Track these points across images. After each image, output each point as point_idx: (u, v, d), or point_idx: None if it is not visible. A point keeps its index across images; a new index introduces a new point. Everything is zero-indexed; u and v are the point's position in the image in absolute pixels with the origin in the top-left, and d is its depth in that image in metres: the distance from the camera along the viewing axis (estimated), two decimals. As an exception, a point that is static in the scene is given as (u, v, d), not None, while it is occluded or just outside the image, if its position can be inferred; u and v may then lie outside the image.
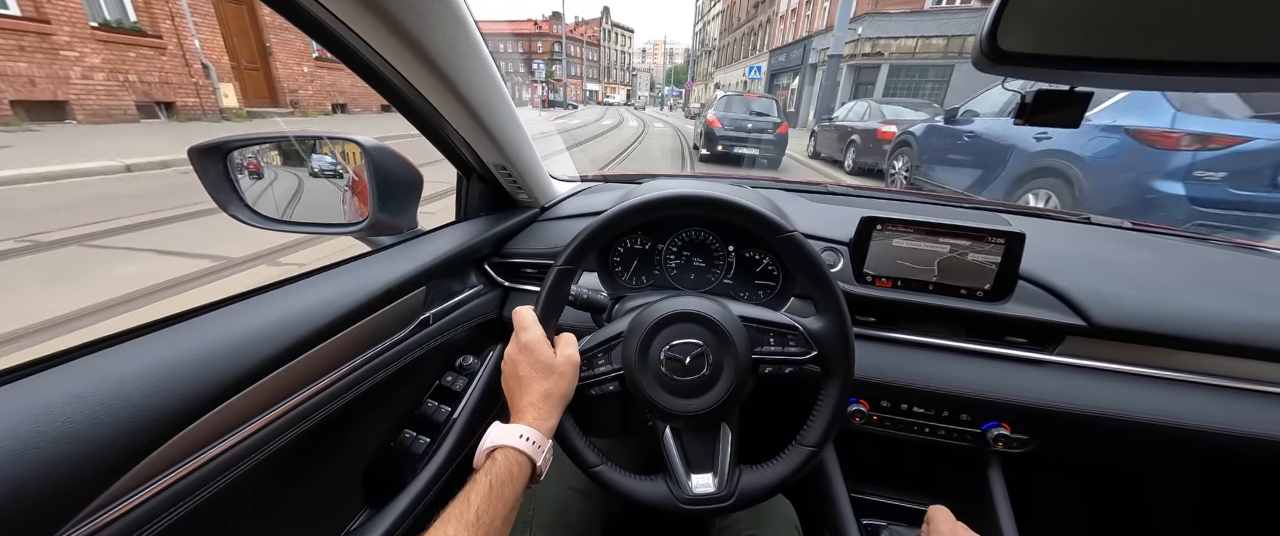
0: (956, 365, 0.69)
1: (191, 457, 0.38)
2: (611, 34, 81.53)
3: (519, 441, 0.43)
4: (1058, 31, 0.37)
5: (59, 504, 0.28)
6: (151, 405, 0.33)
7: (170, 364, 0.36)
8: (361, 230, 0.68)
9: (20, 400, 0.29)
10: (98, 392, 0.31)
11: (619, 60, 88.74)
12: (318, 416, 0.49)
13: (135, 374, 0.34)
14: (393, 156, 0.67)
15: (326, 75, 11.75)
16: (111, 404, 0.31)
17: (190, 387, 0.35)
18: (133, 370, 0.34)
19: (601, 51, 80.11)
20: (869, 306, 0.72)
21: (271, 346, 0.42)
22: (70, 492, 0.28)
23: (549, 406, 0.47)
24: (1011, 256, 0.66)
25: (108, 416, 0.30)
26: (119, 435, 0.31)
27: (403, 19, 0.44)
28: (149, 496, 0.35)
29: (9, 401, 0.29)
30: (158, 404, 0.33)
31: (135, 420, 0.32)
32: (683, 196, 0.55)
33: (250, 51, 9.54)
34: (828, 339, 0.52)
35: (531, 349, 0.49)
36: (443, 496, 0.67)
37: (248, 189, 0.68)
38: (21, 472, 0.26)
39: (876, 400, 0.71)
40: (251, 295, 0.48)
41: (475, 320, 0.77)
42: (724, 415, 0.53)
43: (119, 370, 0.34)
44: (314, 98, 11.22)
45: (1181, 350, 0.64)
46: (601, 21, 76.03)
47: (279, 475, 0.48)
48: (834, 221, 0.79)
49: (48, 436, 0.28)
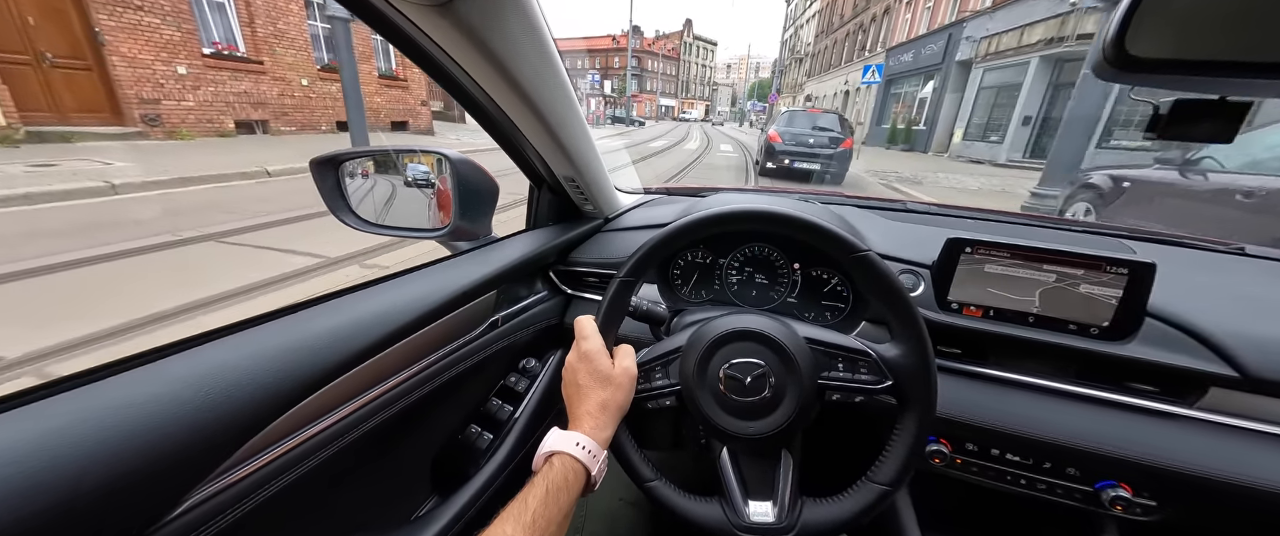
0: (1064, 411, 0.60)
1: (289, 438, 0.43)
2: (693, 47, 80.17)
3: (575, 448, 0.45)
4: (1201, 33, 0.33)
5: (209, 455, 0.35)
6: (272, 382, 0.39)
7: (288, 348, 0.42)
8: (443, 235, 0.77)
9: (178, 368, 0.37)
10: (235, 367, 0.38)
11: (699, 74, 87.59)
12: (399, 406, 0.55)
13: (261, 353, 0.41)
14: (475, 168, 0.73)
15: (227, 81, 7.82)
16: (242, 379, 0.38)
17: (303, 369, 0.42)
18: (258, 351, 0.41)
19: (681, 65, 77.57)
20: (954, 336, 0.65)
21: (368, 337, 0.48)
22: (216, 447, 0.35)
23: (606, 417, 0.49)
24: (1137, 289, 0.56)
25: (240, 389, 0.37)
26: (250, 404, 0.37)
27: (496, 47, 0.51)
28: (253, 472, 0.40)
29: (171, 369, 0.37)
30: (276, 381, 0.40)
31: (260, 394, 0.38)
32: (750, 211, 0.55)
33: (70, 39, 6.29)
34: (905, 368, 0.50)
35: (591, 358, 0.51)
36: (503, 492, 0.71)
37: (352, 196, 0.79)
38: (185, 424, 0.33)
39: (960, 441, 0.63)
40: (353, 290, 0.55)
41: (539, 325, 0.82)
42: (785, 441, 0.52)
43: (250, 349, 0.41)
44: (198, 112, 7.36)
45: None
46: (682, 35, 73.61)
47: (362, 457, 0.54)
48: (914, 241, 0.73)
49: (200, 398, 0.35)
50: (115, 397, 0.33)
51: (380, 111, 11.66)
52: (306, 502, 0.49)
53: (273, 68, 8.87)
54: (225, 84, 7.99)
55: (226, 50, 8.19)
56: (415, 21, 0.47)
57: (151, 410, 0.33)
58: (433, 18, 0.46)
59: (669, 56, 77.31)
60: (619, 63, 69.59)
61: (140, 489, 0.31)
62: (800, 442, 0.54)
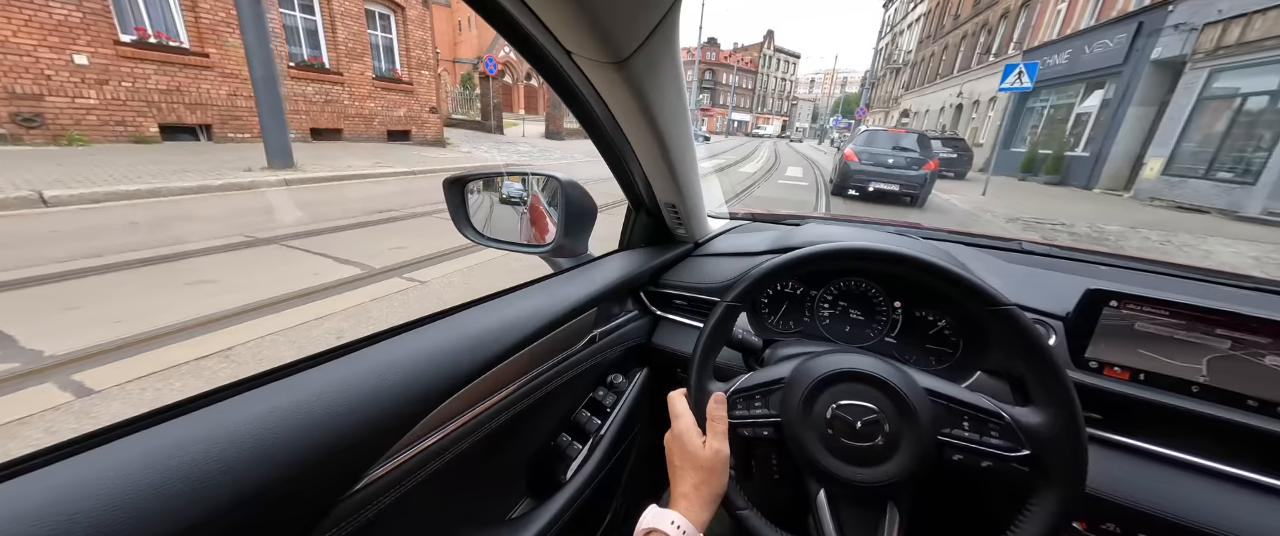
0: (1239, 502, 0.52)
1: (431, 434, 0.49)
2: (773, 60, 75.16)
3: (670, 528, 0.46)
4: None
5: (374, 445, 0.40)
6: (426, 382, 0.44)
7: (434, 352, 0.48)
8: (547, 251, 0.83)
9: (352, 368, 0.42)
10: (396, 369, 0.43)
11: (778, 88, 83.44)
12: (512, 411, 0.61)
13: (408, 360, 0.45)
14: (579, 189, 0.79)
15: (152, 75, 6.26)
16: (406, 379, 0.43)
17: (442, 373, 0.47)
18: (413, 354, 0.46)
19: (759, 78, 73.25)
20: (1093, 400, 0.59)
21: (493, 348, 0.53)
22: (378, 440, 0.40)
23: (700, 500, 0.49)
24: None
25: (404, 387, 0.42)
26: (405, 403, 0.42)
27: (650, 96, 0.55)
28: (406, 461, 0.46)
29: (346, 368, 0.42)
30: (430, 381, 0.45)
31: (417, 391, 0.43)
32: (879, 252, 0.55)
33: None
34: (1049, 440, 0.46)
35: (681, 438, 0.52)
36: (590, 503, 0.76)
37: (471, 212, 0.88)
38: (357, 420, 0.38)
39: (1097, 520, 0.57)
40: (478, 303, 0.60)
41: (628, 343, 0.87)
42: (894, 495, 0.50)
43: (407, 352, 0.46)
44: (104, 112, 5.84)
45: None
46: (763, 46, 70.84)
47: (476, 456, 0.59)
48: (1040, 288, 0.69)
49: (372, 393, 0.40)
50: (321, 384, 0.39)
51: (373, 118, 9.95)
52: (434, 493, 0.54)
53: (222, 62, 7.30)
54: (148, 79, 6.45)
55: (157, 38, 6.67)
56: (587, 74, 0.53)
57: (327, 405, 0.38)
58: (604, 72, 0.51)
59: (745, 69, 73.79)
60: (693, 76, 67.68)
61: (329, 468, 0.36)
62: (909, 499, 0.51)
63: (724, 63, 67.69)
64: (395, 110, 10.51)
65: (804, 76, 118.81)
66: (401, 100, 10.65)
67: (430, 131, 11.23)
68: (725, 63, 67.64)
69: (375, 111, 10.07)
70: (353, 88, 9.38)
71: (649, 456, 0.95)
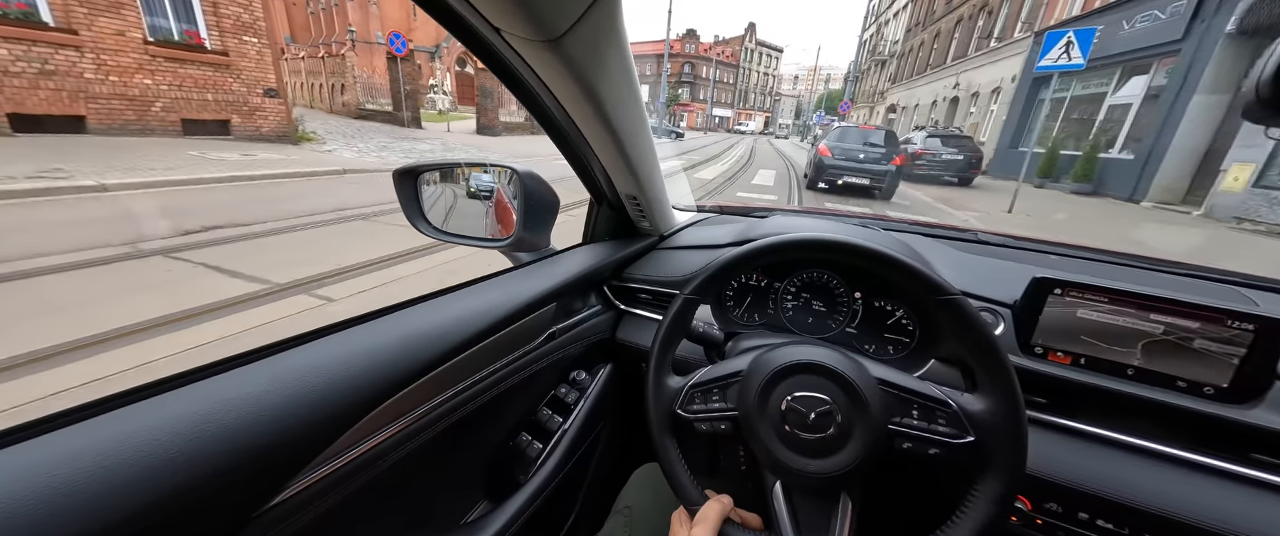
0: (1168, 478, 0.56)
1: (369, 438, 0.48)
2: (755, 54, 73.90)
3: None
4: None
5: (295, 455, 0.38)
6: (355, 386, 0.42)
7: (367, 354, 0.45)
8: (507, 246, 0.82)
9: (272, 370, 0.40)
10: (319, 373, 0.41)
11: (761, 83, 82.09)
12: (463, 411, 0.61)
13: (339, 361, 0.43)
14: (539, 181, 0.79)
15: None
16: (328, 384, 0.40)
17: (381, 375, 0.45)
18: (344, 356, 0.44)
19: (740, 73, 71.46)
20: (1038, 384, 0.64)
21: (441, 346, 0.52)
22: (300, 449, 0.38)
23: None
24: (1265, 348, 0.53)
25: (326, 393, 0.40)
26: (332, 408, 0.40)
27: (592, 79, 0.55)
28: (342, 465, 0.45)
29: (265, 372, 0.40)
30: (360, 386, 0.42)
31: (346, 397, 0.41)
32: (831, 242, 0.57)
33: None
34: (993, 427, 0.48)
35: None
36: (551, 503, 0.76)
37: (425, 204, 0.87)
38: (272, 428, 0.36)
39: (1040, 500, 0.61)
40: (426, 299, 0.60)
41: (591, 338, 0.88)
42: (846, 484, 0.52)
43: (332, 355, 0.44)
44: None
45: None
46: (744, 39, 69.35)
47: (425, 459, 0.59)
48: (991, 277, 0.73)
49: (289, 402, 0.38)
50: (232, 391, 0.37)
51: (151, 101, 6.74)
52: (376, 500, 0.54)
53: None
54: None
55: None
56: (521, 54, 0.52)
57: (260, 405, 0.37)
58: (538, 51, 0.50)
59: (725, 62, 71.62)
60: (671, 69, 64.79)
61: (251, 475, 0.35)
62: (862, 488, 0.53)
63: (703, 56, 65.80)
64: (198, 92, 7.38)
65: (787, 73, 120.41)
66: (209, 78, 7.57)
67: (267, 122, 8.16)
68: (704, 56, 65.55)
69: (155, 92, 6.96)
70: (102, 54, 6.30)
71: (615, 452, 0.99)
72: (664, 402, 0.58)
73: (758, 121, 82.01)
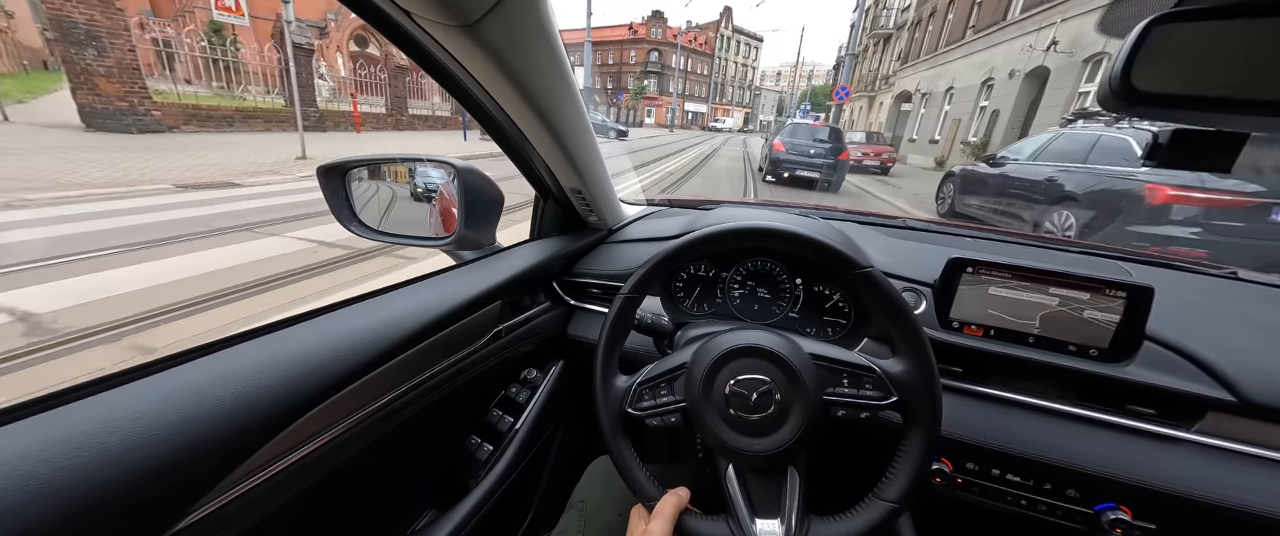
0: (1064, 432, 0.75)
1: (295, 450, 0.51)
2: (731, 42, 77.39)
3: None
4: (1201, 72, 0.43)
5: (199, 477, 0.40)
6: (272, 397, 0.45)
7: (288, 361, 0.49)
8: (448, 244, 0.92)
9: (166, 385, 0.42)
10: (227, 385, 0.43)
11: (739, 76, 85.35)
12: (401, 417, 0.67)
13: (258, 369, 0.46)
14: (480, 177, 0.89)
15: None
16: (237, 397, 0.43)
17: (304, 383, 0.48)
18: (257, 366, 0.47)
19: (716, 63, 74.67)
20: (956, 355, 0.81)
21: (372, 350, 0.57)
22: (206, 470, 0.40)
23: None
24: (1136, 313, 0.72)
25: (235, 407, 0.42)
26: (244, 423, 0.42)
27: (513, 62, 0.61)
28: (260, 483, 0.47)
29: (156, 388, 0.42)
30: (277, 396, 0.46)
31: (258, 410, 0.44)
32: (753, 228, 0.69)
33: None
34: (910, 384, 0.62)
35: None
36: (502, 504, 0.87)
37: (356, 203, 0.96)
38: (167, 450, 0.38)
39: (961, 461, 0.78)
40: (357, 301, 0.65)
41: (542, 336, 1.00)
42: (792, 458, 0.62)
43: (244, 365, 0.46)
44: None
45: None
46: (719, 25, 71.19)
47: (361, 471, 0.66)
48: (915, 259, 0.91)
49: (190, 419, 0.40)
50: (117, 410, 0.39)
51: None
52: (305, 517, 0.58)
53: None
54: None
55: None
56: (439, 41, 0.57)
57: (151, 424, 0.38)
58: (456, 37, 0.55)
59: (698, 51, 74.25)
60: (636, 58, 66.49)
61: (145, 501, 0.37)
62: (806, 460, 0.64)
63: (670, 42, 67.40)
64: None
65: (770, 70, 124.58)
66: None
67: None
68: (671, 42, 67.32)
69: None
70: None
71: (572, 446, 1.14)
72: (613, 403, 0.68)
73: (736, 118, 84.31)
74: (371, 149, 9.70)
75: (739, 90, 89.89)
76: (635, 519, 0.64)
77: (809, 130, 11.08)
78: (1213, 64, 0.42)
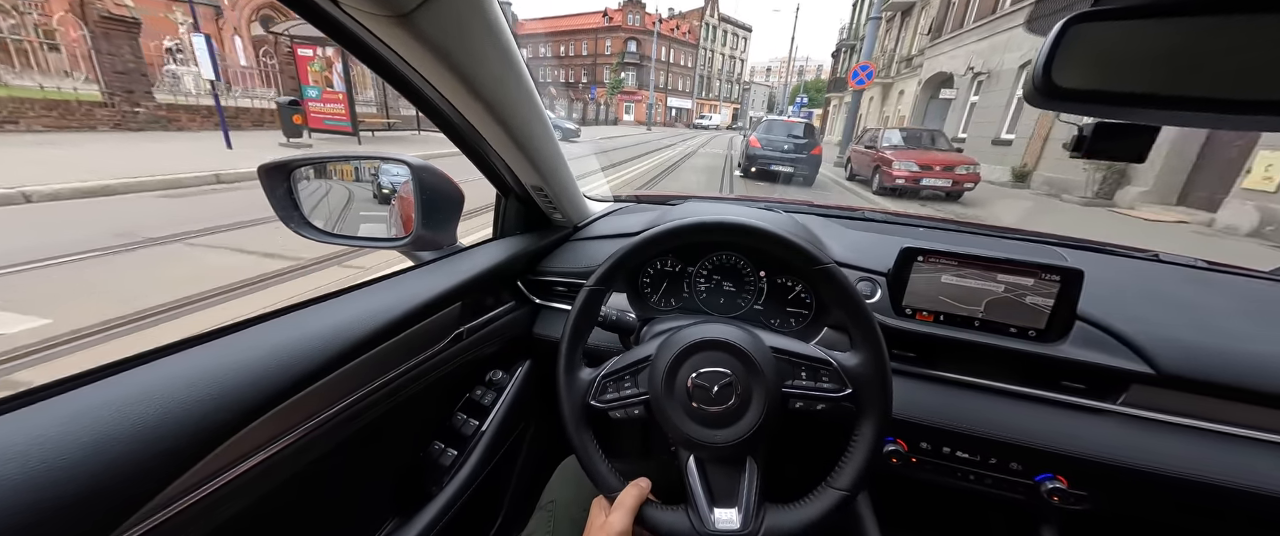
0: (1007, 410, 0.87)
1: (237, 465, 0.53)
2: (717, 32, 78.75)
3: None
4: (1119, 68, 0.50)
5: (116, 503, 0.41)
6: (202, 412, 0.46)
7: (221, 373, 0.50)
8: (405, 245, 0.99)
9: (75, 406, 0.43)
10: (150, 402, 0.44)
11: (727, 68, 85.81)
12: (354, 426, 0.71)
13: (186, 383, 0.47)
14: (437, 175, 0.96)
15: None
16: (163, 414, 0.44)
17: (240, 396, 0.50)
18: (185, 380, 0.48)
19: (701, 55, 76.05)
20: (908, 341, 0.93)
21: (317, 358, 0.59)
22: (125, 494, 0.41)
23: None
24: (1067, 294, 0.84)
25: (160, 425, 0.43)
26: (170, 442, 0.44)
27: (456, 55, 0.65)
28: (196, 501, 0.49)
29: (63, 409, 0.42)
30: (208, 411, 0.47)
31: (187, 427, 0.45)
32: (715, 223, 0.78)
33: None
34: (863, 377, 0.70)
35: None
36: (467, 509, 0.94)
37: (305, 204, 1.00)
38: (78, 476, 0.38)
39: (915, 441, 0.90)
40: (301, 307, 0.69)
41: (507, 336, 1.08)
42: (750, 448, 0.70)
43: (170, 379, 0.48)
44: None
45: (1263, 406, 0.78)
46: (704, 13, 72.33)
47: (315, 482, 0.69)
48: (871, 250, 1.02)
49: (104, 441, 0.40)
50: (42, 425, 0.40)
51: None
52: (257, 531, 0.61)
53: None
54: None
55: None
56: (375, 32, 0.59)
57: (80, 441, 0.39)
58: (392, 29, 0.57)
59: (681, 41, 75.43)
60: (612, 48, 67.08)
61: (64, 523, 0.37)
62: (764, 450, 0.72)
63: (647, 30, 67.15)
64: None
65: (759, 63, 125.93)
66: None
67: None
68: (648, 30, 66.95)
69: None
70: None
71: (542, 447, 1.23)
72: (577, 396, 0.75)
73: (724, 114, 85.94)
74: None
75: (727, 84, 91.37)
76: (596, 510, 0.71)
77: (784, 126, 12.75)
78: (1126, 62, 0.49)
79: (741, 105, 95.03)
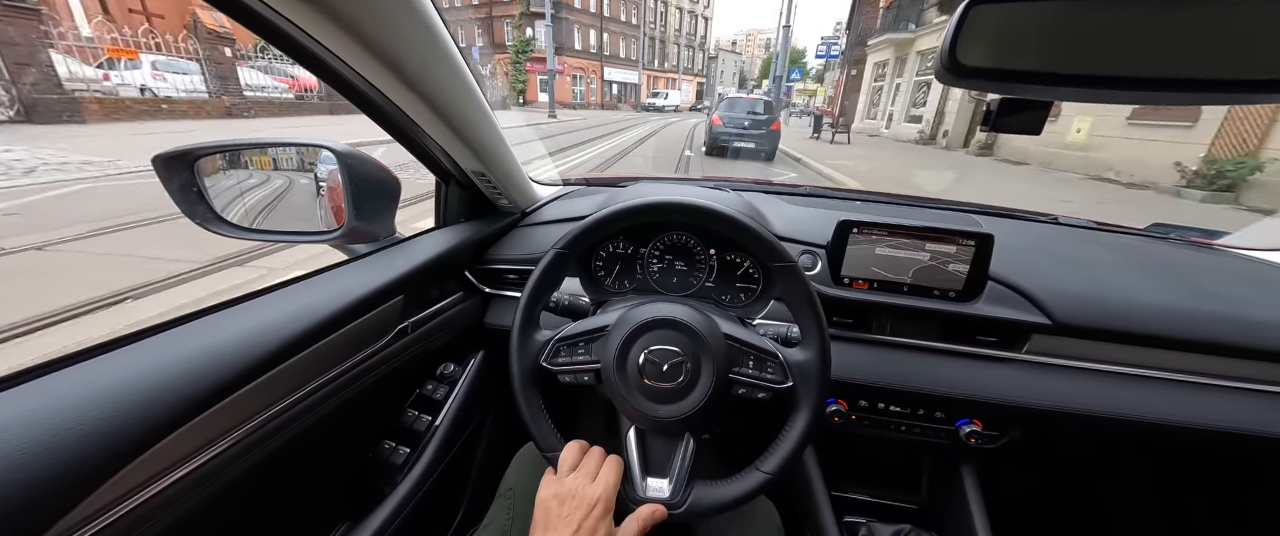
0: (931, 364, 1.28)
1: (164, 475, 0.63)
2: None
3: None
4: (1016, 48, 0.68)
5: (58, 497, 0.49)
6: (119, 423, 0.54)
7: (138, 380, 0.59)
8: (337, 238, 1.17)
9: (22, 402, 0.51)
10: (61, 412, 0.51)
11: (688, 27, 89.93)
12: (292, 430, 0.86)
13: (101, 392, 0.55)
14: (368, 162, 1.14)
15: None
16: (74, 424, 0.51)
17: (160, 403, 0.59)
18: (99, 387, 0.56)
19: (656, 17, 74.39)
20: (847, 308, 1.33)
21: (245, 360, 0.70)
22: (36, 510, 0.47)
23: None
24: (981, 257, 1.23)
25: (71, 436, 0.50)
26: (84, 454, 0.50)
27: (370, 31, 0.76)
28: (120, 515, 0.57)
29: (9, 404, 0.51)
30: (126, 422, 0.55)
31: (102, 439, 0.52)
32: (690, 206, 1.04)
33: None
34: (806, 373, 0.97)
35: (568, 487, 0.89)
36: (424, 506, 1.19)
37: (216, 197, 1.17)
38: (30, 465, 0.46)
39: (855, 399, 1.30)
40: (225, 307, 0.81)
41: (457, 327, 1.35)
42: (689, 425, 0.97)
43: (84, 388, 0.55)
44: None
45: (1141, 346, 1.19)
46: None
47: (253, 491, 0.84)
48: (811, 224, 1.43)
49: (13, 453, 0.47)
50: None
51: None
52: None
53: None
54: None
55: None
56: (282, 12, 0.68)
57: None
58: (299, 8, 0.66)
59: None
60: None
61: None
62: (702, 429, 0.99)
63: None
64: None
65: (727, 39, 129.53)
66: None
67: None
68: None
69: None
70: None
71: (503, 439, 1.56)
72: (529, 356, 1.00)
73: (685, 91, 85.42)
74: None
75: (689, 51, 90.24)
76: (547, 480, 0.94)
77: (745, 103, 17.68)
78: (1023, 41, 0.68)
79: (706, 80, 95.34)
